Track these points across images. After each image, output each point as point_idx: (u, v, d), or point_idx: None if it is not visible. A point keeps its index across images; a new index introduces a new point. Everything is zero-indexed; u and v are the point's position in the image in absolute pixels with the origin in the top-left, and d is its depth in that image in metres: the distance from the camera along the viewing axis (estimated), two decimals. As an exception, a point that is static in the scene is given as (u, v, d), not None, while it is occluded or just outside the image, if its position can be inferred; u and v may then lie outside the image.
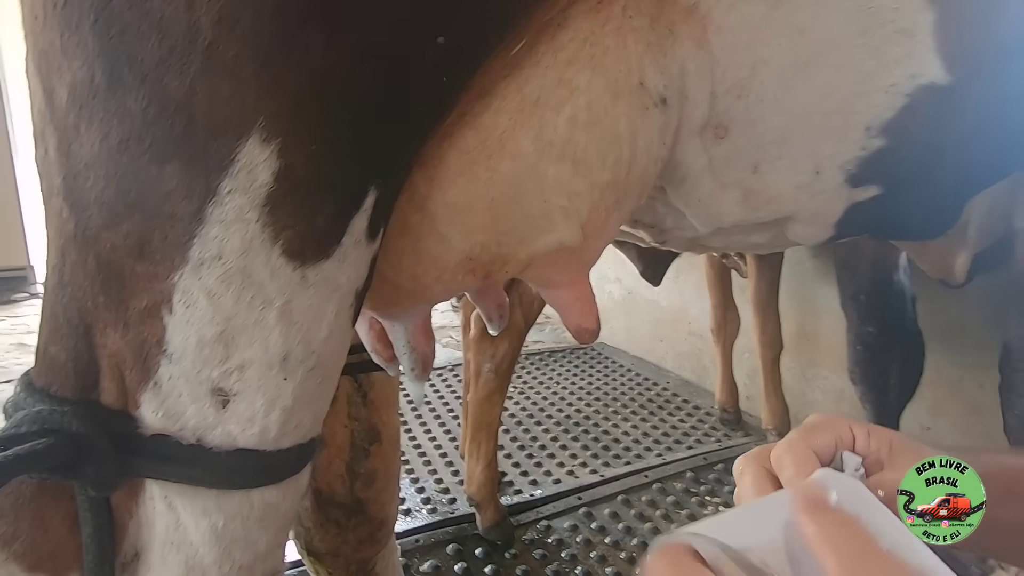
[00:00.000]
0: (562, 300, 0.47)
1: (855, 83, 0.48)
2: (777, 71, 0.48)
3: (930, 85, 0.47)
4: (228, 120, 0.27)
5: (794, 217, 0.59)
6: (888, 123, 0.50)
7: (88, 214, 0.28)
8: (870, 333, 1.09)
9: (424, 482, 1.45)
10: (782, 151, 0.53)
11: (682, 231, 0.64)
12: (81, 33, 0.25)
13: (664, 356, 2.22)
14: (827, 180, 0.55)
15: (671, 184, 0.56)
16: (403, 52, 0.30)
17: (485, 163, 0.38)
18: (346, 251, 0.32)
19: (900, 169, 0.54)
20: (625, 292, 2.41)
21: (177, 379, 0.31)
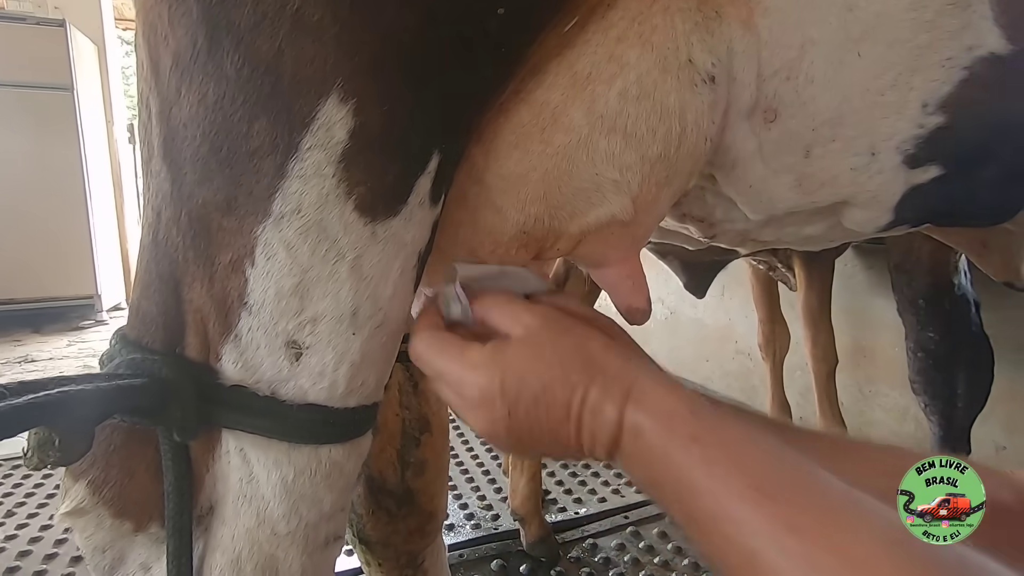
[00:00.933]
0: (613, 279, 0.47)
1: (909, 58, 0.48)
2: (827, 50, 0.48)
3: (990, 56, 0.47)
4: (311, 80, 0.29)
5: (850, 201, 0.58)
6: (946, 98, 0.49)
7: (183, 172, 0.31)
8: (931, 339, 1.04)
9: (467, 498, 1.44)
10: (835, 133, 0.53)
11: (733, 223, 0.63)
12: (187, 4, 0.28)
13: (710, 376, 2.17)
14: (884, 161, 0.54)
15: (721, 170, 0.56)
16: (467, 20, 0.32)
17: (539, 136, 0.40)
18: (412, 210, 0.34)
19: (962, 147, 0.53)
20: (667, 311, 2.37)
21: (256, 331, 0.33)
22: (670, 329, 2.36)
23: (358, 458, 0.39)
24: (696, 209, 0.64)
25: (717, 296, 2.08)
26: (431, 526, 0.65)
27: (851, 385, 1.63)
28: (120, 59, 3.97)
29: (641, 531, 1.28)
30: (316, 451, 0.36)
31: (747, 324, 1.99)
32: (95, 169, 3.25)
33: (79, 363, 2.63)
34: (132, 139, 3.86)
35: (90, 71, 3.32)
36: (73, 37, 3.04)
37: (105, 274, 3.33)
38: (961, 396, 1.04)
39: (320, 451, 0.36)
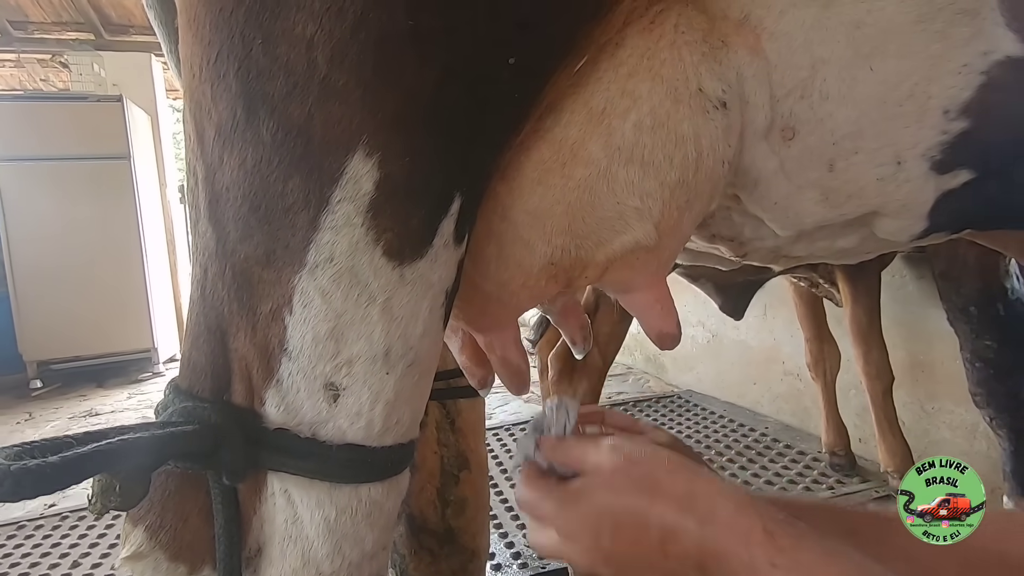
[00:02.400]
0: (641, 304, 0.48)
1: (924, 68, 0.48)
2: (839, 67, 0.48)
3: (1007, 60, 0.46)
4: (338, 139, 0.31)
5: (880, 211, 0.57)
6: (968, 103, 0.48)
7: (227, 230, 0.34)
8: (989, 347, 0.99)
9: (513, 536, 1.42)
10: (857, 145, 0.53)
11: (763, 240, 0.63)
12: (227, 80, 0.31)
13: (759, 400, 2.09)
14: (911, 169, 0.53)
15: (744, 190, 0.56)
16: (481, 72, 0.34)
17: (560, 171, 0.41)
18: (437, 251, 0.35)
19: (991, 150, 0.52)
20: (709, 335, 2.32)
21: (296, 375, 0.35)
22: (713, 353, 2.30)
23: (397, 496, 0.40)
24: (725, 229, 0.64)
25: (759, 316, 2.02)
26: (474, 565, 0.65)
27: (912, 403, 1.55)
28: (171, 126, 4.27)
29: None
30: (356, 490, 0.37)
31: (793, 344, 1.93)
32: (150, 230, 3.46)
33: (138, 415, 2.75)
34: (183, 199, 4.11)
35: (144, 139, 3.58)
36: (129, 110, 3.29)
37: (161, 328, 3.51)
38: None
39: (360, 490, 0.37)
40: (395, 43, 0.31)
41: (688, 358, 2.42)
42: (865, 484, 1.52)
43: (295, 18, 0.30)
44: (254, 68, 0.31)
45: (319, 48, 0.30)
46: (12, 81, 4.11)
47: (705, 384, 2.33)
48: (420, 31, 0.31)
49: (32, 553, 1.49)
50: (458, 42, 0.32)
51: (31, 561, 1.45)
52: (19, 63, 3.81)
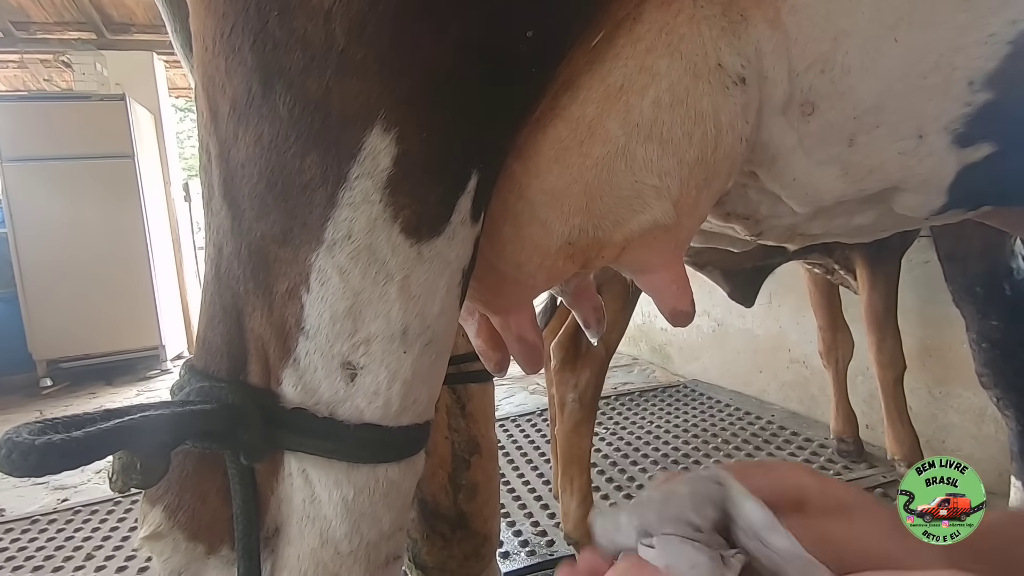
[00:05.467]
0: (657, 284, 0.47)
1: (949, 39, 0.47)
2: (862, 40, 0.47)
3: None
4: (356, 113, 0.31)
5: (901, 186, 0.56)
6: (993, 74, 0.47)
7: (242, 208, 0.33)
8: (995, 327, 0.98)
9: (520, 525, 1.42)
10: (879, 119, 0.52)
11: (779, 218, 0.62)
12: (242, 54, 0.31)
13: (766, 388, 2.08)
14: (933, 143, 0.52)
15: (762, 167, 0.55)
16: (498, 46, 0.33)
17: (577, 150, 0.40)
18: (455, 229, 0.35)
19: (1011, 123, 0.51)
20: (715, 324, 2.31)
21: (313, 354, 0.34)
22: (719, 342, 2.30)
23: (413, 477, 0.40)
24: (740, 207, 0.63)
25: (765, 304, 2.01)
26: (486, 549, 0.65)
27: (919, 388, 1.54)
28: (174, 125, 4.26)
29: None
30: (374, 470, 0.36)
31: (799, 331, 1.92)
32: (155, 228, 3.47)
33: (146, 410, 2.76)
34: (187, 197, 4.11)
35: (148, 138, 3.57)
36: (132, 109, 3.29)
37: (168, 325, 3.52)
38: None
39: (377, 470, 0.37)
40: (413, 16, 0.30)
41: (694, 347, 2.41)
42: (872, 470, 1.52)
43: (336, -12, 0.29)
44: (270, 41, 0.30)
45: (337, 20, 0.29)
46: (16, 82, 4.10)
47: (711, 373, 2.33)
48: (437, 3, 0.30)
49: (46, 547, 1.50)
50: (475, 15, 0.32)
51: (45, 554, 1.47)
52: (22, 64, 3.80)
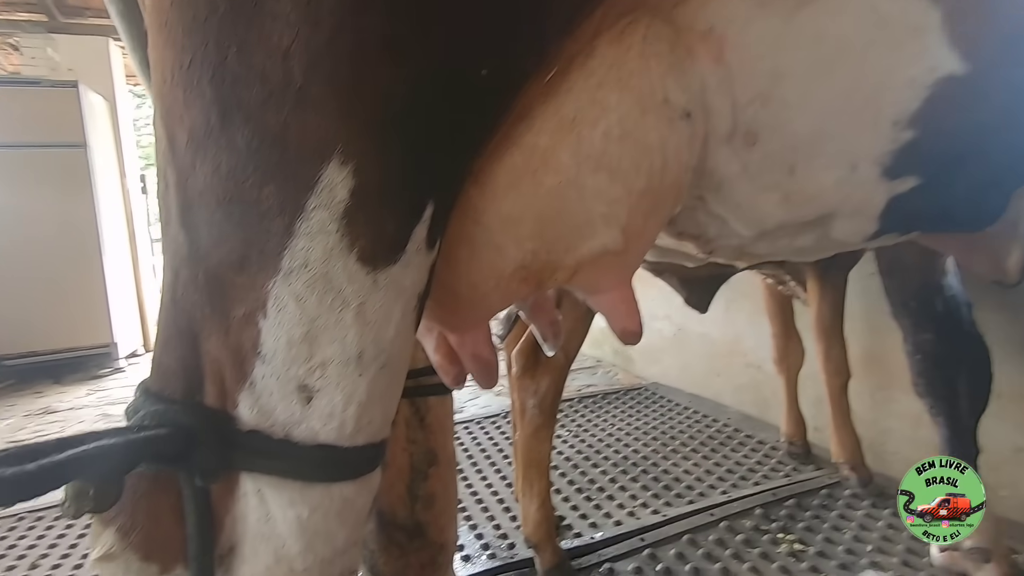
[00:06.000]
0: (608, 304, 0.50)
1: (877, 81, 0.50)
2: (799, 77, 0.51)
3: (950, 76, 0.49)
4: (314, 147, 0.32)
5: (836, 213, 0.60)
6: (915, 115, 0.51)
7: (200, 235, 0.34)
8: (928, 340, 1.05)
9: (482, 528, 1.44)
10: (816, 150, 0.55)
11: (727, 239, 0.65)
12: (200, 87, 0.31)
13: (722, 391, 2.16)
14: (864, 174, 0.56)
15: (709, 191, 0.58)
16: (454, 84, 0.35)
17: (531, 178, 0.42)
18: (410, 257, 0.36)
19: (933, 159, 0.55)
20: (675, 328, 2.37)
21: (269, 377, 0.35)
22: (679, 345, 2.36)
23: (368, 493, 0.41)
24: (691, 227, 0.66)
25: (722, 310, 2.08)
26: (442, 558, 0.66)
27: (863, 393, 1.62)
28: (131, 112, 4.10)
29: (658, 553, 1.27)
30: (328, 489, 0.37)
31: (755, 337, 1.99)
32: (108, 221, 3.34)
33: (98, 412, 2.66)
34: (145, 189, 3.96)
35: (102, 127, 3.43)
36: (85, 96, 3.15)
37: (121, 322, 3.39)
38: (963, 396, 1.05)
39: (332, 488, 0.38)
40: (370, 54, 0.31)
41: (654, 351, 2.47)
42: (818, 472, 1.59)
43: (271, 28, 0.30)
44: (229, 75, 0.31)
45: (295, 58, 0.30)
46: (-42, 65, 3.88)
47: (671, 376, 2.39)
48: (395, 43, 0.32)
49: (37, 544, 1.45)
50: (432, 54, 0.33)
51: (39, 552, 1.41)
52: (-35, 45, 3.60)
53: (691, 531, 1.34)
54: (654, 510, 1.45)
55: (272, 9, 0.30)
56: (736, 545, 1.28)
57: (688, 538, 1.32)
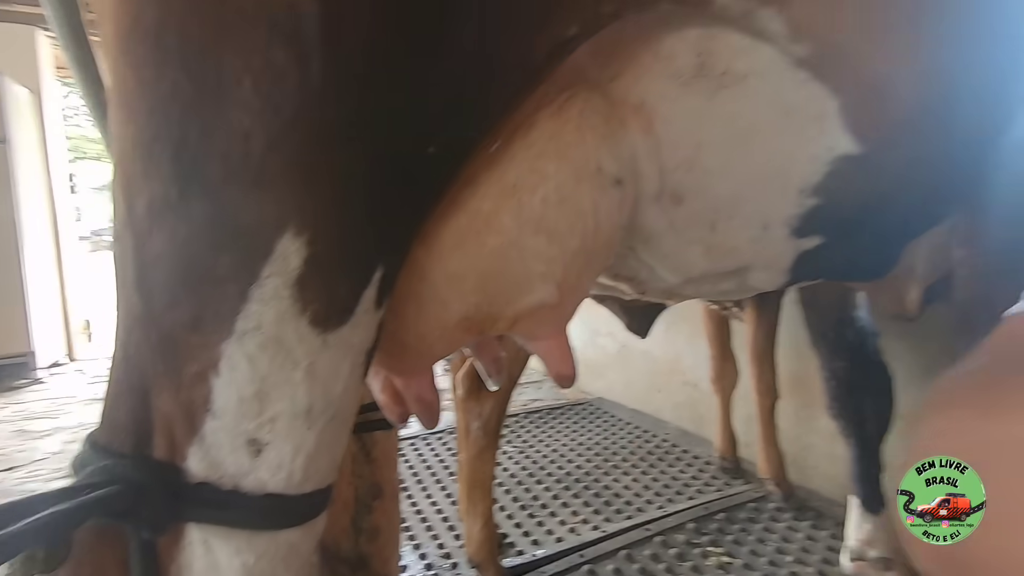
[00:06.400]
0: (544, 351, 0.54)
1: (784, 156, 0.57)
2: (718, 149, 0.57)
3: (845, 155, 0.56)
4: (270, 220, 0.34)
5: (751, 266, 0.67)
6: (817, 186, 0.58)
7: (154, 298, 0.35)
8: (841, 367, 1.15)
9: (426, 547, 1.45)
10: (734, 211, 0.62)
11: (657, 282, 0.71)
12: (161, 162, 0.33)
13: (662, 407, 2.25)
14: (775, 233, 0.63)
15: (640, 243, 0.64)
16: (403, 162, 0.38)
17: (475, 239, 0.46)
18: (359, 318, 0.39)
19: (835, 222, 0.63)
20: (619, 345, 2.46)
21: (219, 432, 0.37)
22: (623, 362, 2.45)
23: (314, 538, 0.43)
24: (625, 272, 0.71)
25: (664, 330, 2.18)
26: (387, 588, 0.68)
27: (788, 411, 1.74)
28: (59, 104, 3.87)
29: (597, 569, 1.32)
30: (275, 535, 0.39)
31: (692, 357, 2.10)
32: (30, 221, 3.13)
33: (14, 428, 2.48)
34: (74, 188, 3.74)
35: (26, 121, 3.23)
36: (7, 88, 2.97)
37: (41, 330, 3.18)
38: (870, 418, 1.16)
39: (279, 535, 0.39)
40: (326, 139, 0.34)
41: (599, 366, 2.55)
42: (747, 486, 1.69)
43: (233, 113, 0.32)
44: (189, 154, 0.33)
45: (255, 140, 0.33)
46: None
47: (615, 391, 2.47)
48: (349, 129, 0.34)
49: None
50: (384, 137, 0.36)
51: None
52: None
53: (628, 546, 1.40)
54: (594, 526, 1.51)
55: (235, 96, 0.32)
56: (670, 559, 1.35)
57: (625, 553, 1.38)
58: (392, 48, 0.35)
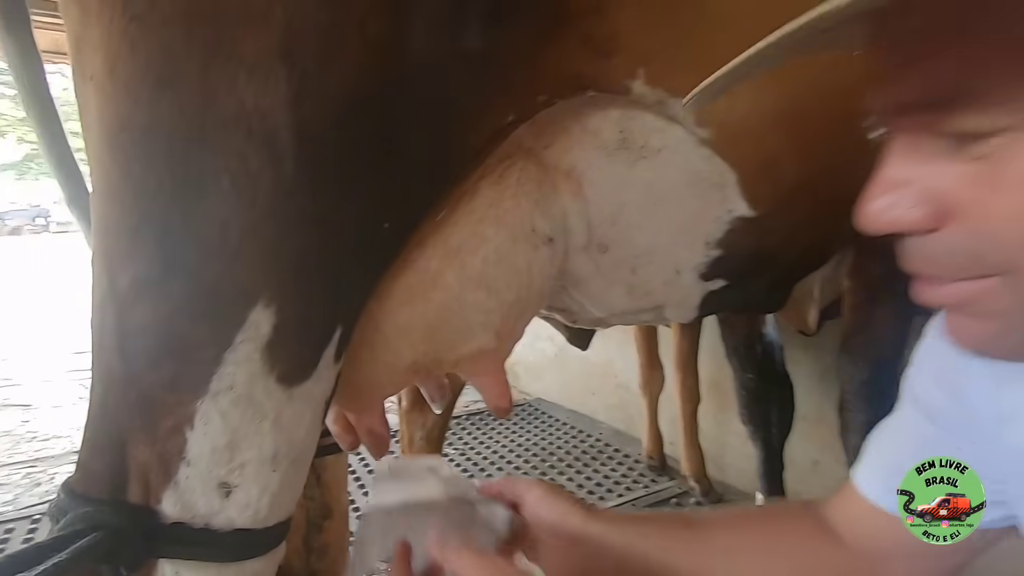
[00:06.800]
0: (483, 386, 0.61)
1: (692, 215, 0.67)
2: (637, 208, 0.65)
3: (741, 216, 0.66)
4: (244, 294, 0.39)
5: (666, 304, 0.77)
6: (720, 239, 0.68)
7: (135, 362, 0.39)
8: (750, 379, 1.30)
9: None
10: (651, 259, 0.71)
11: (587, 314, 0.80)
12: (146, 244, 0.37)
13: (596, 408, 2.38)
14: (686, 278, 0.73)
15: (571, 284, 0.72)
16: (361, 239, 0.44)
17: (423, 295, 0.52)
18: (321, 372, 0.44)
19: (735, 268, 0.73)
20: (557, 349, 2.56)
21: (193, 478, 0.41)
22: (560, 365, 2.56)
23: (275, 564, 0.48)
24: (560, 305, 0.80)
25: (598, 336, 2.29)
26: (335, 601, 0.73)
27: (708, 414, 1.90)
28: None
29: (533, 566, 1.41)
30: (241, 565, 0.44)
31: (624, 360, 2.23)
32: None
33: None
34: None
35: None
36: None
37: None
38: (774, 424, 1.31)
39: (245, 564, 0.44)
40: (297, 223, 0.39)
41: (538, 369, 2.65)
42: (671, 483, 1.84)
43: (213, 203, 0.37)
44: (172, 238, 0.37)
45: (232, 227, 0.37)
46: None
47: (552, 393, 2.58)
48: (316, 217, 0.40)
49: None
50: (345, 222, 0.41)
51: None
52: None
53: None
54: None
55: (214, 191, 0.37)
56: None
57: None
58: (355, 148, 0.40)
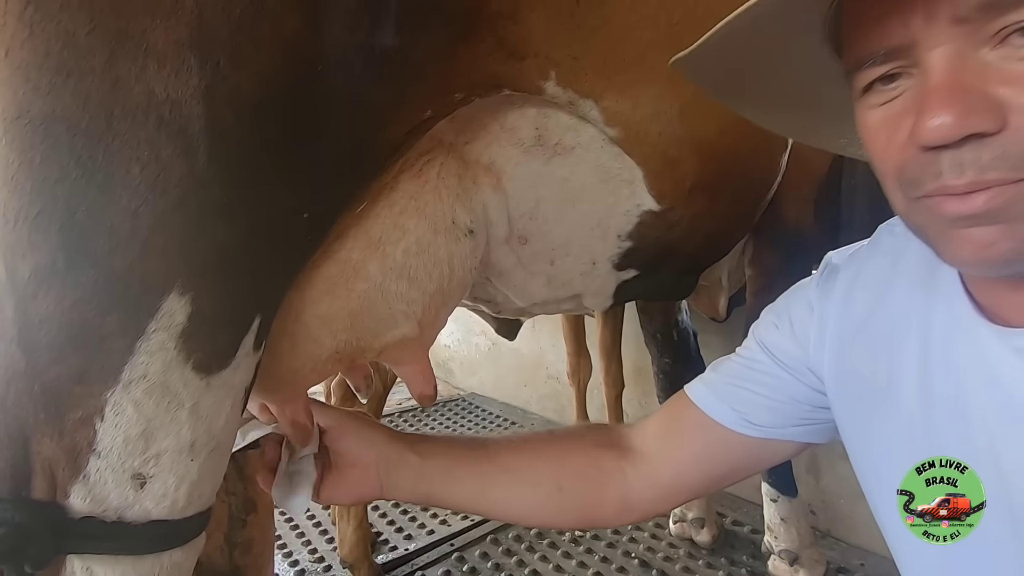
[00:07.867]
0: (408, 374, 0.62)
1: (605, 210, 0.71)
2: (553, 203, 0.69)
3: (649, 210, 0.72)
4: (156, 284, 0.39)
5: (584, 293, 0.81)
6: (630, 232, 0.74)
7: (38, 354, 0.38)
8: (667, 363, 1.38)
9: (298, 555, 1.47)
10: (568, 251, 0.75)
11: (510, 304, 0.83)
12: (47, 234, 0.36)
13: (529, 400, 2.43)
14: (601, 268, 0.78)
15: (494, 276, 0.75)
16: (279, 230, 0.44)
17: (344, 285, 0.53)
18: (239, 361, 0.45)
19: (645, 259, 0.79)
20: (490, 343, 2.60)
21: (104, 471, 0.41)
22: (493, 359, 2.59)
23: (195, 555, 0.48)
24: (484, 296, 0.83)
25: (529, 328, 2.35)
26: (261, 598, 0.73)
27: (632, 399, 2.00)
28: None
29: (465, 555, 1.44)
30: (159, 557, 0.44)
31: (555, 352, 2.30)
32: None
33: None
34: None
35: None
36: None
37: None
38: None
39: (163, 556, 0.44)
40: (211, 213, 0.40)
41: (472, 364, 2.68)
42: (599, 467, 1.92)
43: (122, 194, 0.36)
44: (77, 228, 0.36)
45: (143, 218, 0.37)
46: None
47: (487, 387, 2.62)
48: (229, 207, 0.40)
49: None
50: (261, 212, 0.42)
51: None
52: None
53: (495, 531, 1.54)
54: (464, 516, 1.62)
55: (123, 180, 0.36)
56: (531, 539, 1.51)
57: (492, 538, 1.51)
58: (270, 140, 0.41)
